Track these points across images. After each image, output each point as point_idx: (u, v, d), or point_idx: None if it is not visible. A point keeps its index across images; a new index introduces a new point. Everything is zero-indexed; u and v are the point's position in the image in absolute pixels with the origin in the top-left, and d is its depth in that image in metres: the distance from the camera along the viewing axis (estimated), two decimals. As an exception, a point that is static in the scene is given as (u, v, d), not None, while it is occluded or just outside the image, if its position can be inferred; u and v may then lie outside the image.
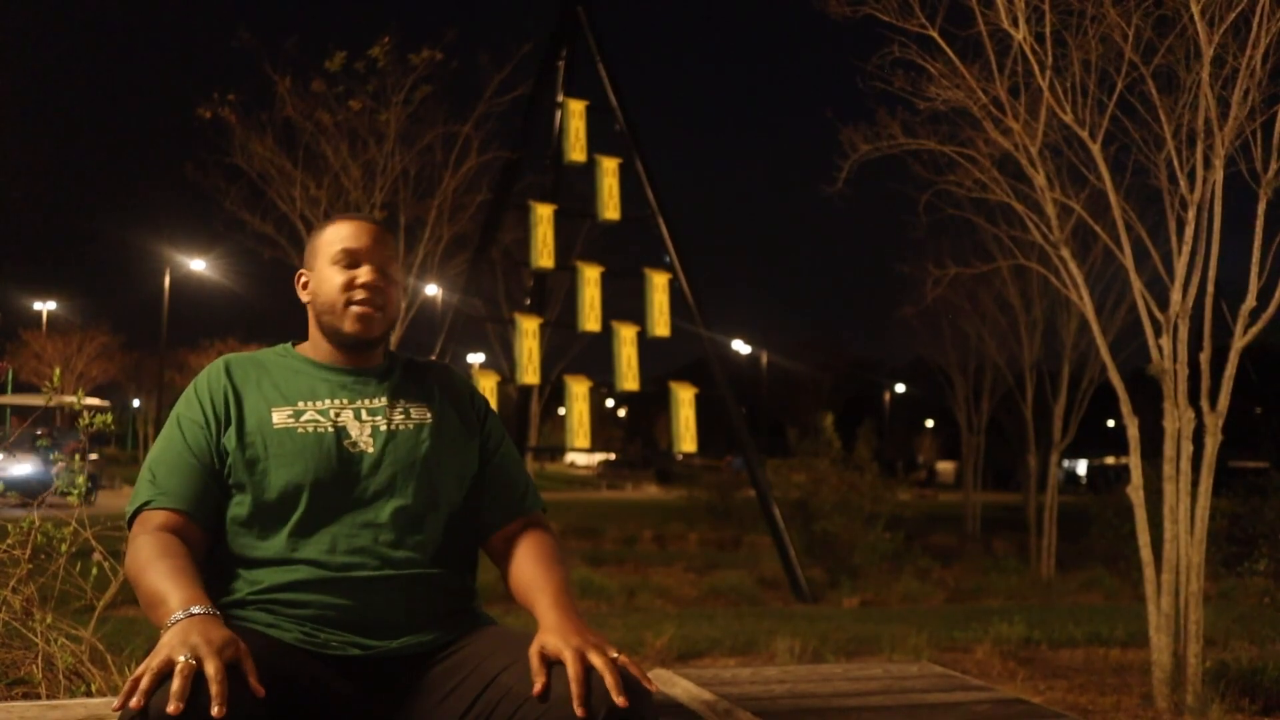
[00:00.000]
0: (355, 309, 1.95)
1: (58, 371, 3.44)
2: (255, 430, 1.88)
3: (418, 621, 1.85)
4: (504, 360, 19.19)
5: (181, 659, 1.49)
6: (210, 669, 1.48)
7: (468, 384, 2.14)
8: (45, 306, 43.74)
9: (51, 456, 3.61)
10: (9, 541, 3.14)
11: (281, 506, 1.85)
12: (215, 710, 1.43)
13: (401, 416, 1.96)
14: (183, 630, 1.56)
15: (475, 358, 25.87)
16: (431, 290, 15.31)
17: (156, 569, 1.74)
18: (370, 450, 1.90)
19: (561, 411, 15.54)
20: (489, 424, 2.09)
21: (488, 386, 12.15)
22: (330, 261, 1.97)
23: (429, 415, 1.98)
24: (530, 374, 12.55)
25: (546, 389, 17.52)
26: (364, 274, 1.94)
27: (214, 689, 1.46)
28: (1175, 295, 5.19)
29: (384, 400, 1.97)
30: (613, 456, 55.62)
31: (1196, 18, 5.00)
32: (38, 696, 2.97)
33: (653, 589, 10.62)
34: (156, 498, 1.85)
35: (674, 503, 23.87)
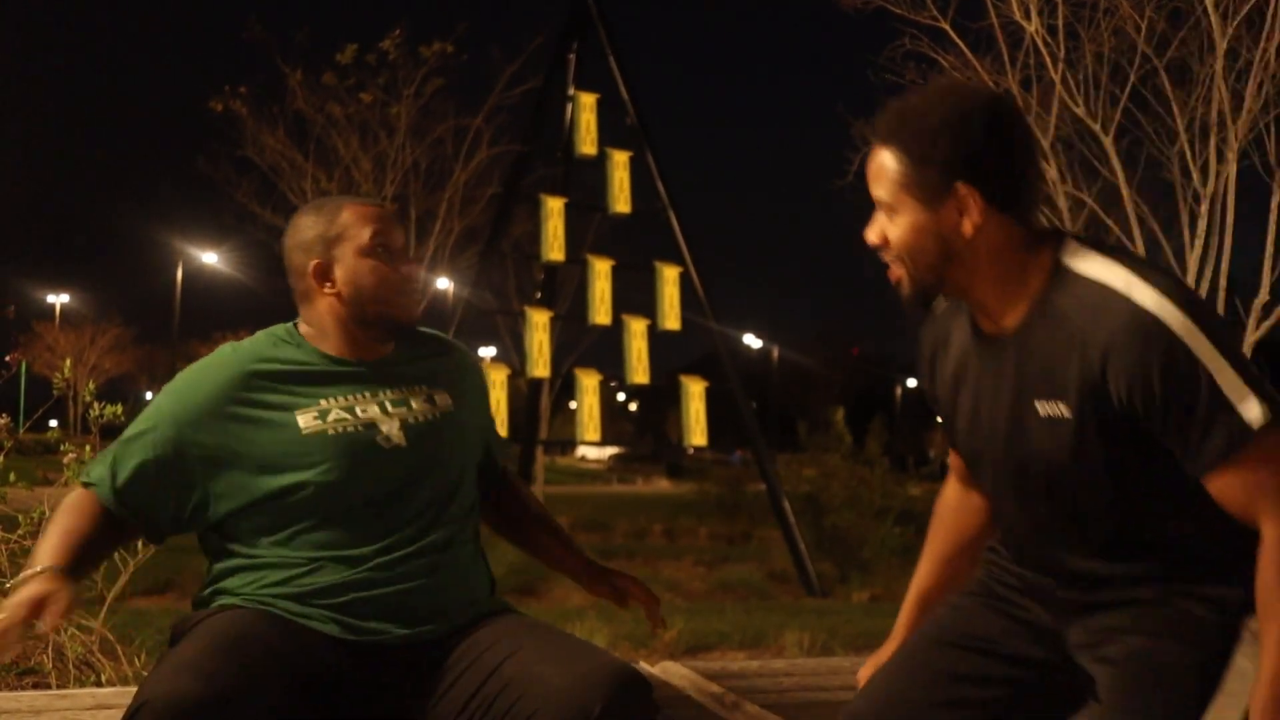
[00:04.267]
0: (409, 300, 1.97)
1: (68, 363, 3.45)
2: (280, 434, 1.83)
3: (441, 608, 1.84)
4: (514, 353, 19.19)
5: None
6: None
7: (475, 361, 2.19)
8: (58, 299, 44.00)
9: None
10: (20, 532, 3.15)
11: (311, 506, 1.81)
12: None
13: (426, 405, 1.95)
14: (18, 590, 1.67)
15: (486, 351, 25.90)
16: (442, 283, 15.33)
17: (52, 526, 1.82)
18: (404, 444, 1.88)
19: (572, 405, 15.53)
20: (487, 404, 2.18)
21: (498, 380, 12.15)
22: (362, 253, 1.91)
23: (450, 402, 1.99)
24: (541, 367, 12.54)
25: (557, 382, 17.53)
26: (413, 269, 1.97)
27: None
28: (1188, 289, 5.17)
29: (404, 388, 1.95)
30: (622, 450, 55.59)
31: (1210, 11, 4.97)
32: (48, 686, 2.99)
33: (662, 582, 10.61)
34: (100, 486, 1.84)
35: (684, 497, 23.84)
